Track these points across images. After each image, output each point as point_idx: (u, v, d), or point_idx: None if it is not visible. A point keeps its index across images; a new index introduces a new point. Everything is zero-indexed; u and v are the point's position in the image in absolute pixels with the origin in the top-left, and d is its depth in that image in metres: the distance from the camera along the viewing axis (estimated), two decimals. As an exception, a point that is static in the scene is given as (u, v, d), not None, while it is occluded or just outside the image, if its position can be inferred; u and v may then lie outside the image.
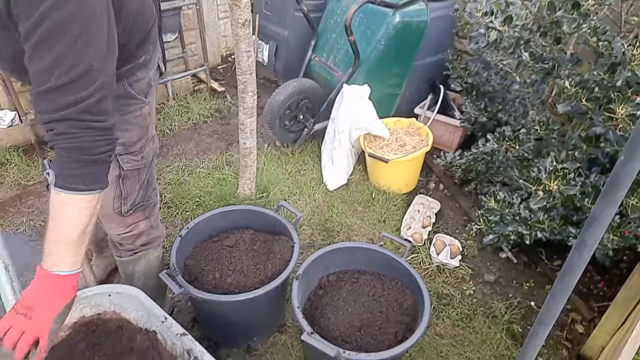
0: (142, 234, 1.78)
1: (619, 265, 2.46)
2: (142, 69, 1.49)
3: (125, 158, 1.56)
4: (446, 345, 2.14)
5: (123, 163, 1.56)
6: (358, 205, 2.92)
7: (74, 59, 1.03)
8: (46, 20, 0.99)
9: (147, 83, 1.52)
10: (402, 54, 3.09)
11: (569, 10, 2.02)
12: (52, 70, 1.03)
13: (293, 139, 3.28)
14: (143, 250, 1.84)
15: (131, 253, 1.83)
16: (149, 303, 1.60)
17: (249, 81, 2.38)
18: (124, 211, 1.65)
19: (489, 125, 2.87)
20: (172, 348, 1.55)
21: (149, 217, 1.77)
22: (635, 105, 1.85)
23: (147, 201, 1.72)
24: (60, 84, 1.03)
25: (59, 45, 1.01)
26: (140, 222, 1.74)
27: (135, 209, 1.68)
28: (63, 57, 1.02)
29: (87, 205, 1.16)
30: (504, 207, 2.27)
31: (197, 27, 3.80)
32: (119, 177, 1.58)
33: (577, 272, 1.10)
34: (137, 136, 1.57)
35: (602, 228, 1.01)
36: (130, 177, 1.61)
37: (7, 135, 3.10)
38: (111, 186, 1.54)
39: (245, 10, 2.15)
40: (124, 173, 1.58)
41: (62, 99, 1.05)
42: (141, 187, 1.66)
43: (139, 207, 1.69)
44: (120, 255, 1.84)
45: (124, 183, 1.60)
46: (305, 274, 1.88)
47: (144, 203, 1.71)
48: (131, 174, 1.61)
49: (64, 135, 1.08)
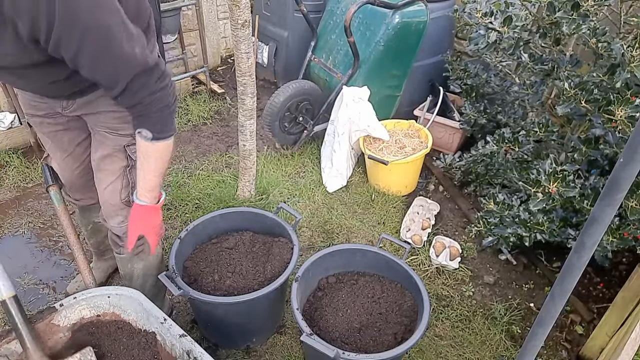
0: None
1: (618, 267, 2.46)
2: None
3: (133, 149, 1.62)
4: (445, 347, 2.14)
5: (131, 153, 1.64)
6: (357, 207, 2.92)
7: (123, 62, 1.25)
8: (84, 48, 1.18)
9: None
10: (402, 55, 3.09)
11: (569, 11, 2.03)
12: (115, 77, 1.27)
13: (293, 140, 3.28)
14: (143, 246, 1.84)
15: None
16: (148, 304, 1.60)
17: (248, 83, 2.38)
18: (132, 200, 1.69)
19: (489, 127, 2.88)
20: (172, 349, 1.55)
21: None
22: (634, 107, 1.85)
23: None
24: (128, 82, 1.27)
25: (108, 61, 1.24)
26: None
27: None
28: (115, 66, 1.25)
29: (172, 143, 1.47)
30: (503, 209, 2.27)
31: (196, 28, 3.79)
32: (126, 167, 1.67)
33: (577, 274, 1.10)
34: None
35: (601, 230, 1.00)
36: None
37: (7, 138, 3.10)
38: (117, 178, 1.67)
39: (244, 11, 2.15)
40: (132, 163, 1.65)
41: (136, 88, 1.30)
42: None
43: None
44: (120, 252, 1.85)
45: (132, 173, 1.67)
46: (304, 276, 1.88)
47: None
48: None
49: (152, 103, 1.35)
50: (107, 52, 1.22)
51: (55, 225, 2.68)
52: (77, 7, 1.11)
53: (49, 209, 2.77)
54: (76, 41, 1.15)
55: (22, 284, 2.34)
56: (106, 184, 1.68)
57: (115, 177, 1.67)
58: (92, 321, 1.65)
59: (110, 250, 2.05)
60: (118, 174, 1.66)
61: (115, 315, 1.67)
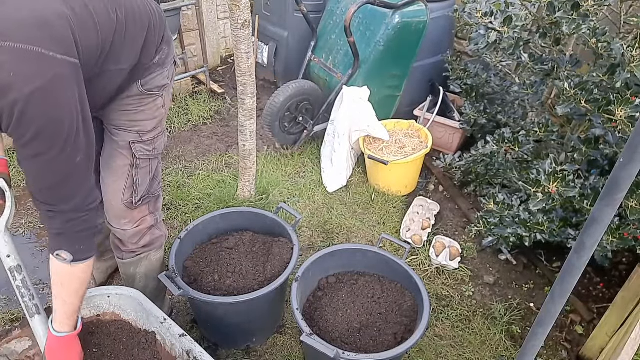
0: (147, 232, 1.80)
1: (618, 267, 2.46)
2: (157, 68, 1.55)
3: (138, 147, 1.61)
4: (445, 347, 2.14)
5: (136, 151, 1.62)
6: (357, 207, 2.92)
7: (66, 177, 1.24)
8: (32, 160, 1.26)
9: (162, 78, 1.59)
10: (402, 55, 3.09)
11: (569, 11, 2.02)
12: (52, 189, 1.25)
13: (292, 140, 3.28)
14: (145, 252, 1.84)
15: (133, 255, 1.83)
16: (148, 304, 1.60)
17: (248, 83, 2.38)
18: (134, 202, 1.69)
19: (489, 127, 2.88)
20: (172, 349, 1.55)
21: (154, 213, 1.81)
22: (634, 107, 1.85)
23: (153, 193, 1.77)
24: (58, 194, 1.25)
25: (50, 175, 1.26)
26: (147, 217, 1.78)
27: (143, 201, 1.73)
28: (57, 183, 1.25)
29: (92, 264, 1.37)
30: (503, 209, 2.27)
31: (196, 28, 3.79)
32: (131, 166, 1.64)
33: (577, 274, 1.10)
34: (150, 126, 1.62)
35: (601, 230, 1.00)
36: (142, 166, 1.66)
37: (7, 137, 3.10)
38: (122, 177, 1.64)
39: (244, 11, 2.15)
40: (137, 162, 1.63)
41: (63, 201, 1.25)
42: (151, 179, 1.72)
43: (146, 199, 1.74)
44: (123, 258, 1.84)
45: (136, 172, 1.65)
46: (304, 276, 1.88)
47: (150, 195, 1.76)
48: (143, 163, 1.66)
49: (77, 224, 1.27)
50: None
51: None
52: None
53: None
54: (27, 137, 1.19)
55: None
56: (110, 182, 1.67)
57: (119, 176, 1.65)
58: (92, 321, 1.65)
59: (110, 251, 2.04)
60: (122, 172, 1.64)
61: (115, 315, 1.67)
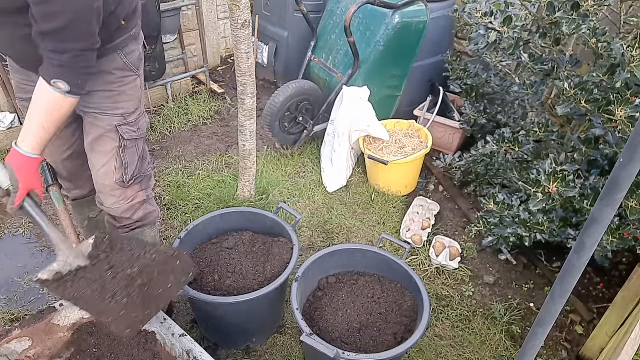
0: (140, 207, 1.84)
1: (618, 267, 2.46)
2: (134, 41, 1.65)
3: (124, 129, 1.67)
4: (445, 347, 2.14)
5: (123, 133, 1.67)
6: (357, 207, 2.92)
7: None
8: None
9: (138, 57, 1.67)
10: (402, 55, 3.09)
11: (569, 11, 2.03)
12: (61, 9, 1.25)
13: (292, 140, 3.28)
14: (139, 228, 1.87)
15: (127, 230, 1.85)
16: (148, 305, 1.60)
17: (248, 83, 2.38)
18: (126, 180, 1.74)
19: (489, 127, 2.88)
20: (172, 349, 1.55)
21: (146, 189, 1.87)
22: (634, 107, 1.85)
23: (144, 173, 1.82)
24: (71, 21, 1.26)
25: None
26: (139, 193, 1.83)
27: (135, 180, 1.78)
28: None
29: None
30: (503, 209, 2.27)
31: (196, 28, 3.80)
32: (119, 147, 1.69)
33: (577, 274, 1.10)
34: (133, 107, 1.69)
35: (601, 230, 1.01)
36: (129, 146, 1.72)
37: (7, 138, 3.10)
38: (111, 160, 1.70)
39: (244, 11, 2.15)
40: (124, 143, 1.69)
41: (73, 34, 1.29)
42: (139, 159, 1.77)
43: (137, 179, 1.79)
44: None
45: (125, 153, 1.70)
46: (304, 276, 1.88)
47: (142, 175, 1.81)
48: (130, 144, 1.72)
49: (80, 59, 1.34)
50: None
51: (55, 225, 2.67)
52: None
53: (49, 209, 2.76)
54: None
55: (22, 284, 2.34)
56: (100, 166, 1.70)
57: (109, 159, 1.69)
58: (92, 321, 1.65)
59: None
60: (111, 155, 1.69)
61: (115, 315, 1.66)
